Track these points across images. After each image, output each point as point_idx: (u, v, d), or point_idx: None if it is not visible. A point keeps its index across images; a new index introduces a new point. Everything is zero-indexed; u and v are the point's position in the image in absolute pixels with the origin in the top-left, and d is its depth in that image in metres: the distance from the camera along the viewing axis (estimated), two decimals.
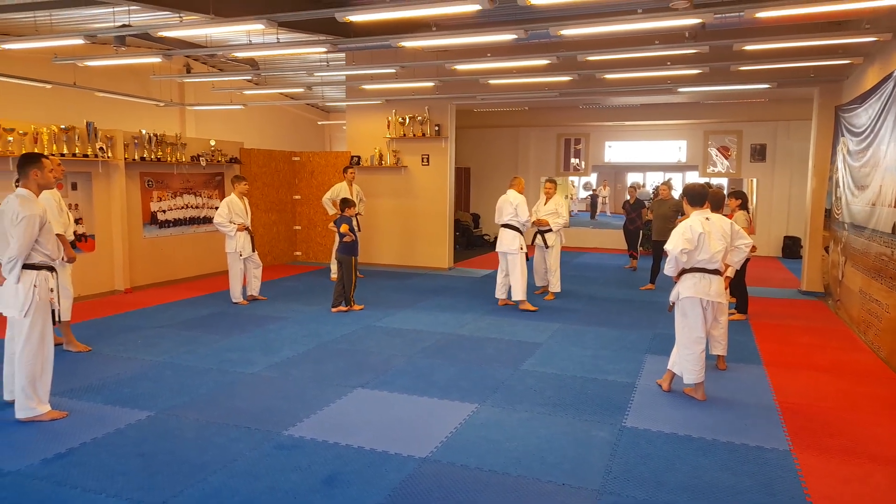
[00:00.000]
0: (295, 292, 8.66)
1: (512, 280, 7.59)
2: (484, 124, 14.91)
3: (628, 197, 11.78)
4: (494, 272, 10.75)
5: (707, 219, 4.59)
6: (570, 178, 18.34)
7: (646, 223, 11.34)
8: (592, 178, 24.57)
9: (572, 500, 3.19)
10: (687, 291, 4.56)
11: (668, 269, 4.62)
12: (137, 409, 4.30)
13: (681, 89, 8.89)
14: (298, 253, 11.82)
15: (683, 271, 4.59)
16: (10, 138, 6.93)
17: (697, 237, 4.46)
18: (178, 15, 5.74)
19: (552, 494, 3.24)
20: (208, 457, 3.61)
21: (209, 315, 7.20)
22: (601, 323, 7.03)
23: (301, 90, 11.82)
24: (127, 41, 6.84)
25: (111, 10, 6.62)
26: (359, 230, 8.49)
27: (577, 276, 10.25)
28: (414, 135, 10.81)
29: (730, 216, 6.49)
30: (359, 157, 11.15)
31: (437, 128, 10.69)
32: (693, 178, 15.37)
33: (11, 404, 4.22)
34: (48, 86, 9.01)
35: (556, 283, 8.32)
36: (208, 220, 9.77)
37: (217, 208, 9.82)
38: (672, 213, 8.88)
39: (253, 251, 7.90)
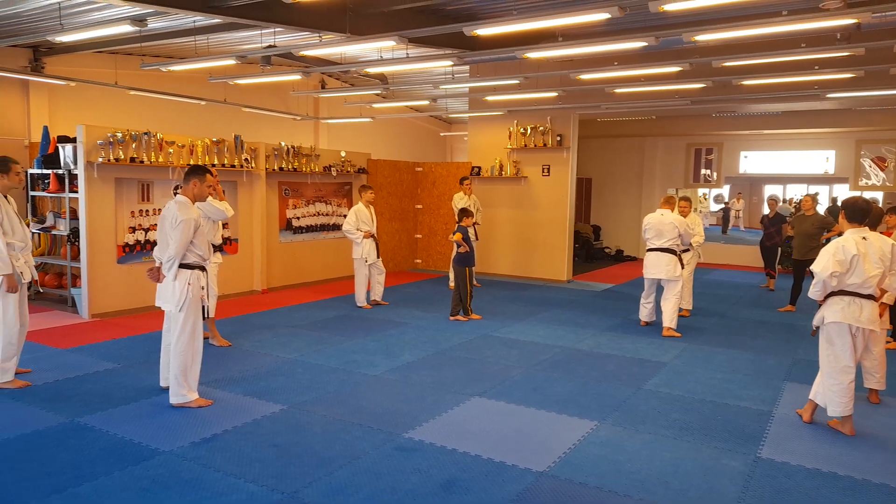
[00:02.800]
0: (415, 299, 8.90)
1: (667, 306, 6.93)
2: (607, 134, 14.54)
3: (767, 211, 10.97)
4: (615, 287, 10.49)
5: (864, 238, 4.16)
6: (700, 190, 17.42)
7: (786, 239, 10.49)
8: (724, 191, 23.15)
9: None
10: (833, 316, 4.17)
11: (815, 292, 4.24)
12: (272, 403, 4.62)
13: (830, 95, 8.17)
14: (419, 261, 12.14)
15: (831, 293, 4.20)
16: (171, 150, 7.72)
17: (850, 259, 4.05)
18: (318, 35, 6.15)
19: None
20: (334, 452, 3.79)
21: (336, 317, 7.57)
22: (733, 345, 6.59)
23: (426, 103, 12.18)
24: (271, 60, 7.43)
25: (259, 32, 7.20)
26: (476, 240, 8.58)
27: (707, 293, 9.68)
28: (535, 145, 10.77)
29: (887, 234, 5.87)
30: (479, 168, 11.28)
31: (558, 138, 10.58)
32: (842, 191, 14.03)
33: (166, 391, 4.69)
34: (202, 102, 9.96)
35: (688, 300, 7.88)
36: (336, 228, 10.31)
37: (345, 216, 10.40)
38: (816, 230, 8.17)
39: (378, 258, 8.22)
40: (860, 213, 4.24)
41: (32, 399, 4.57)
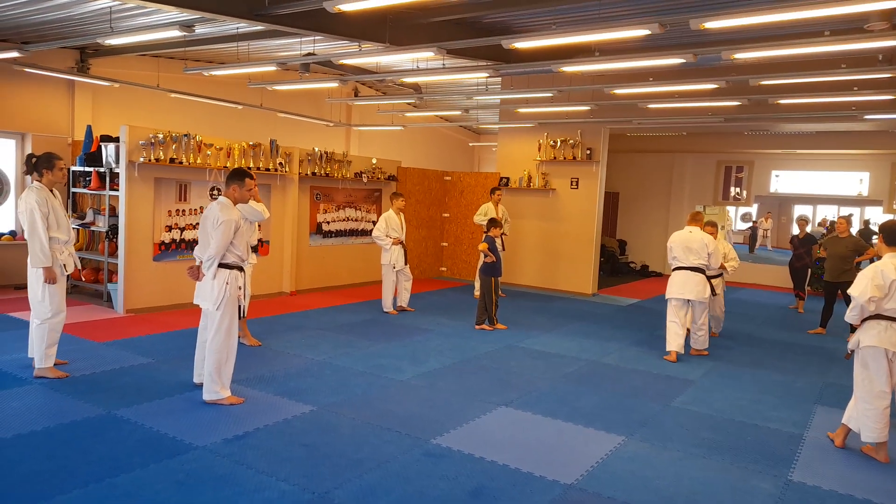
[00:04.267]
0: (440, 306, 8.95)
1: (700, 329, 6.69)
2: (636, 149, 14.49)
3: (797, 231, 10.81)
4: (641, 302, 10.42)
5: None
6: (729, 207, 17.21)
7: (815, 261, 10.34)
8: (752, 209, 22.86)
9: None
10: (870, 340, 4.11)
11: (851, 316, 4.19)
12: (301, 403, 4.69)
13: (867, 116, 8.07)
14: (444, 269, 12.19)
15: (868, 317, 4.15)
16: (209, 152, 7.90)
17: (889, 284, 4.00)
18: (357, 44, 6.27)
19: None
20: (363, 454, 3.84)
21: (362, 322, 7.65)
22: (761, 365, 6.52)
23: (458, 113, 12.27)
24: (310, 68, 7.58)
25: (298, 39, 7.35)
26: (503, 250, 8.61)
27: (734, 312, 9.56)
28: (564, 158, 10.79)
29: None
30: (507, 179, 11.32)
31: (588, 151, 10.58)
32: (875, 213, 13.78)
33: (199, 387, 4.79)
34: (239, 107, 10.16)
35: (718, 322, 7.76)
36: (365, 233, 10.42)
37: (374, 222, 10.51)
38: (850, 252, 8.05)
39: (405, 264, 8.29)
40: None
41: (71, 390, 4.70)
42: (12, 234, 8.73)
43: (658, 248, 14.77)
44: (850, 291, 4.18)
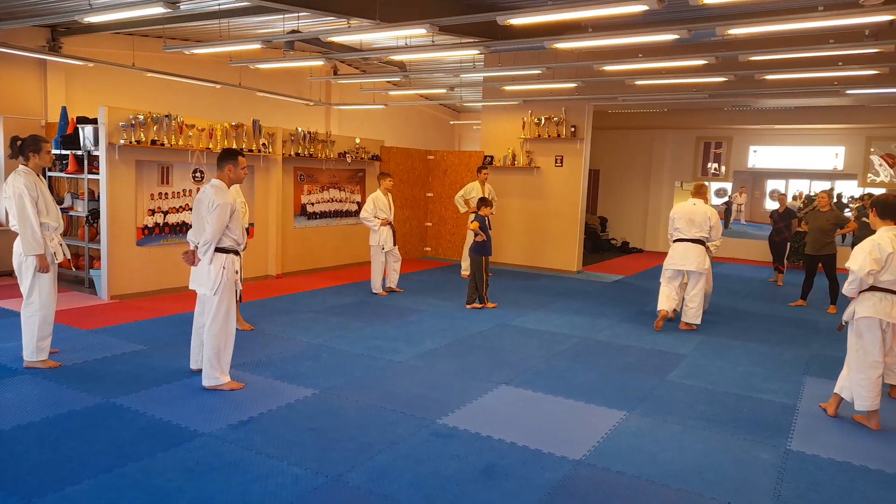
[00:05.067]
0: (428, 286, 8.94)
1: (693, 300, 6.78)
2: (617, 126, 14.54)
3: (772, 205, 11.00)
4: (625, 278, 10.55)
5: None
6: (706, 183, 17.44)
7: (794, 235, 10.55)
8: (726, 185, 23.21)
9: None
10: (865, 311, 4.22)
11: (850, 289, 4.28)
12: (302, 387, 4.66)
13: (849, 91, 8.19)
14: (428, 248, 12.17)
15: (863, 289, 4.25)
16: (191, 133, 7.70)
17: (886, 257, 4.09)
18: (345, 20, 6.12)
19: None
20: (372, 437, 3.84)
21: (353, 303, 7.61)
22: (748, 338, 6.66)
23: (443, 91, 12.14)
24: (294, 46, 7.40)
25: (282, 16, 7.16)
26: (490, 229, 8.59)
27: (717, 287, 9.69)
28: (549, 135, 10.78)
29: None
30: (492, 157, 11.28)
31: (573, 129, 10.58)
32: (849, 187, 14.06)
33: (197, 373, 4.73)
34: (217, 86, 9.92)
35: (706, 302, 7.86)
36: (350, 214, 10.32)
37: (358, 203, 10.41)
38: (831, 225, 8.21)
39: (394, 245, 8.24)
40: (892, 210, 4.27)
41: (65, 379, 4.60)
42: None
43: (638, 224, 14.94)
44: (848, 265, 4.26)
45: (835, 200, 15.80)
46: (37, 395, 4.29)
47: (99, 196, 7.30)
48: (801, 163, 14.02)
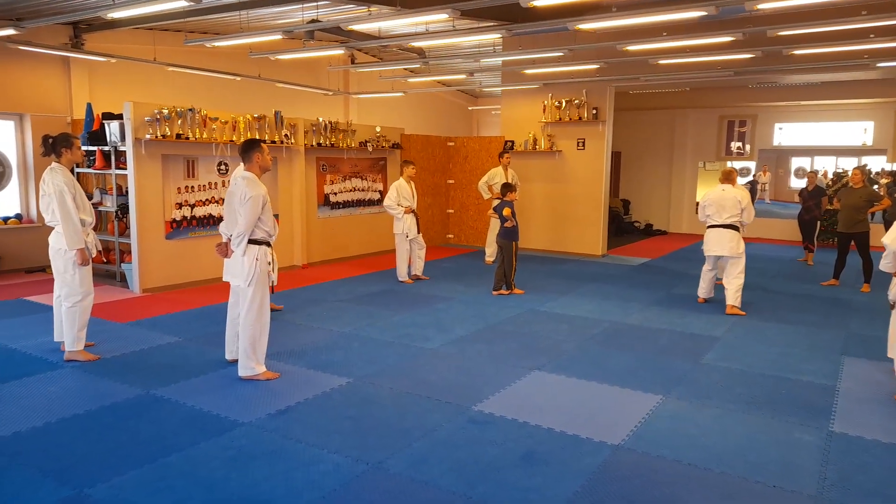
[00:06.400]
0: (453, 273, 8.93)
1: (733, 283, 6.73)
2: (637, 106, 14.34)
3: (800, 183, 10.79)
4: (651, 261, 10.44)
5: None
6: (729, 163, 17.18)
7: (823, 213, 10.35)
8: (749, 164, 22.82)
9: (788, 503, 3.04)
10: None
11: (886, 264, 4.20)
12: (336, 376, 4.69)
13: (880, 64, 7.97)
14: (451, 235, 12.15)
15: None
16: (215, 126, 7.74)
17: None
18: (365, 8, 6.08)
19: (765, 496, 3.10)
20: (409, 424, 3.85)
21: (380, 292, 7.63)
22: (782, 319, 6.56)
23: (462, 77, 12.04)
24: (314, 35, 7.37)
25: (300, 6, 7.14)
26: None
27: (746, 267, 9.60)
28: (570, 118, 10.66)
29: None
30: (513, 142, 11.19)
31: (594, 111, 10.45)
32: (879, 163, 13.75)
33: (232, 364, 4.78)
34: (237, 78, 9.94)
35: None
36: (372, 203, 10.33)
37: (380, 191, 10.42)
38: (864, 203, 8.04)
39: (418, 233, 8.23)
40: None
41: (105, 372, 4.67)
42: (18, 217, 8.59)
43: (661, 206, 14.76)
44: (883, 240, 4.17)
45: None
46: (79, 387, 4.37)
47: (127, 191, 7.38)
48: (828, 139, 13.72)
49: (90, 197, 8.08)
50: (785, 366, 5.07)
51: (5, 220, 8.46)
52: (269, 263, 4.58)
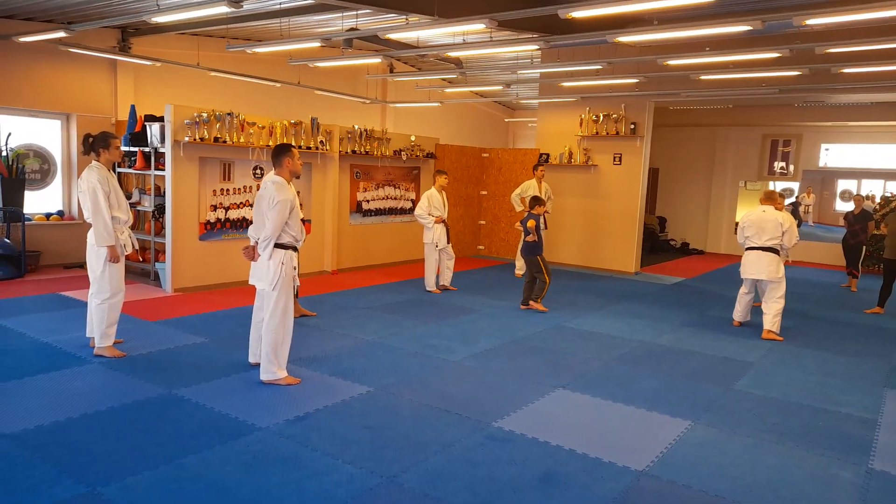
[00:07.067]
0: (482, 286, 8.85)
1: (771, 308, 6.52)
2: (677, 123, 14.08)
3: (844, 206, 10.41)
4: (686, 280, 10.18)
5: None
6: (772, 183, 16.73)
7: (870, 238, 9.96)
8: (792, 185, 22.21)
9: None
10: None
11: None
12: (357, 384, 4.65)
13: None
14: (481, 247, 12.07)
15: None
16: (252, 131, 7.85)
17: None
18: (404, 17, 6.09)
19: None
20: (427, 438, 3.78)
21: (406, 301, 7.59)
22: (822, 346, 6.29)
23: (499, 88, 12.00)
24: (353, 43, 7.43)
25: (340, 14, 7.20)
26: (545, 228, 8.42)
27: (787, 292, 9.28)
28: (607, 133, 10.51)
29: None
30: (548, 155, 11.09)
31: (632, 126, 10.29)
32: None
33: (255, 367, 4.78)
34: (278, 84, 10.08)
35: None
36: (404, 212, 10.34)
37: (412, 200, 10.42)
38: None
39: (448, 243, 8.19)
40: None
41: (130, 369, 4.73)
42: (60, 213, 8.85)
43: (698, 225, 14.43)
44: None
45: None
46: (103, 384, 4.42)
47: (164, 192, 7.53)
48: (877, 161, 13.23)
49: (129, 196, 8.29)
50: (823, 396, 4.84)
51: (48, 216, 8.71)
52: (295, 268, 4.58)
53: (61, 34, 6.88)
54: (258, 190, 8.19)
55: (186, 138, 7.20)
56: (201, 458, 3.40)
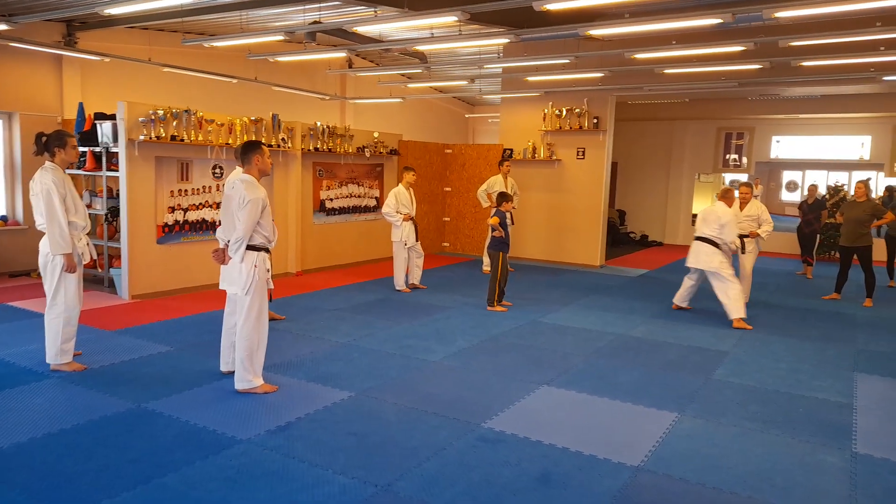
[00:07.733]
0: (451, 283, 8.76)
1: (721, 299, 6.70)
2: (635, 117, 14.28)
3: (796, 196, 10.76)
4: (650, 272, 10.33)
5: None
6: (726, 175, 17.17)
7: (823, 226, 10.30)
8: (742, 177, 22.92)
9: None
10: None
11: None
12: (338, 389, 4.49)
13: (886, 77, 7.92)
14: (446, 244, 11.98)
15: None
16: (210, 129, 7.54)
17: None
18: (372, 10, 5.92)
19: None
20: (417, 442, 3.67)
21: (377, 301, 7.43)
22: (788, 333, 6.44)
23: (462, 83, 11.90)
24: (316, 37, 7.21)
25: (302, 7, 6.97)
26: (512, 224, 8.35)
27: None
28: (570, 127, 10.55)
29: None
30: (511, 150, 11.06)
31: (595, 120, 10.35)
32: (878, 178, 13.78)
33: (227, 375, 4.56)
34: (234, 81, 9.74)
35: (747, 290, 7.63)
36: (368, 210, 10.15)
37: (376, 198, 10.24)
38: (868, 216, 7.96)
39: (416, 241, 8.06)
40: None
41: (92, 383, 4.44)
42: (3, 219, 8.33)
43: (657, 217, 14.69)
44: None
45: (884, 195, 15.53)
46: (65, 400, 4.14)
47: (117, 193, 7.15)
48: (823, 153, 13.73)
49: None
50: (797, 382, 4.93)
51: None
52: (268, 270, 4.39)
53: (2, 27, 6.43)
54: (218, 190, 7.91)
55: (142, 137, 6.85)
56: (181, 475, 3.20)
